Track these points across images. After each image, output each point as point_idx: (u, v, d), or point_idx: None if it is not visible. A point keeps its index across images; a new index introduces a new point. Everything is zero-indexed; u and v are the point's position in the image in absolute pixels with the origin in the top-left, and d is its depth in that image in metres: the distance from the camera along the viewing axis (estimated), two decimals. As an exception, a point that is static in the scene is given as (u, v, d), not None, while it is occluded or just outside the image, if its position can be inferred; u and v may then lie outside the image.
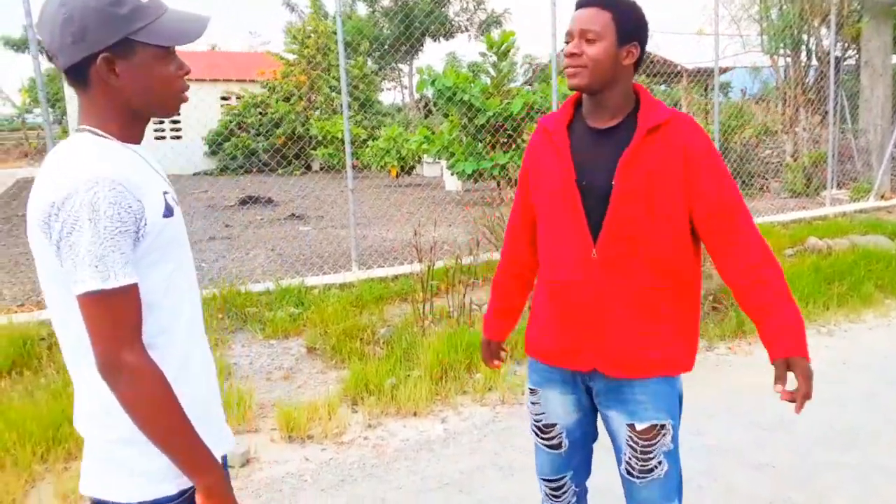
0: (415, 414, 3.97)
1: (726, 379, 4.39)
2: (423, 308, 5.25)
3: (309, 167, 20.09)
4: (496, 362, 2.27)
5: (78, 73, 1.33)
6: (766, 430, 3.66)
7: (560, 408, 2.02)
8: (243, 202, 12.42)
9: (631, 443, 1.89)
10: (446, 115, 21.37)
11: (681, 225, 1.82)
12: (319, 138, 18.32)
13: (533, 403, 2.07)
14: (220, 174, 19.85)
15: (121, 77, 1.33)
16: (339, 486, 3.24)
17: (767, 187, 12.08)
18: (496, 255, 6.17)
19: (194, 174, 20.01)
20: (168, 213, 1.37)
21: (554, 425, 2.04)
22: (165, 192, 1.39)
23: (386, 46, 24.64)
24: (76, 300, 1.26)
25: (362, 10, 28.96)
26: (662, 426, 1.87)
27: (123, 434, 1.33)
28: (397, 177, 15.75)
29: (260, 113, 20.58)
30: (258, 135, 20.21)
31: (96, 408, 1.36)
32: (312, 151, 18.76)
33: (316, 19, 21.27)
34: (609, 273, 1.82)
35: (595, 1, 1.80)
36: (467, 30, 28.70)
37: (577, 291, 1.87)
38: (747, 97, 15.35)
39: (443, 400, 4.14)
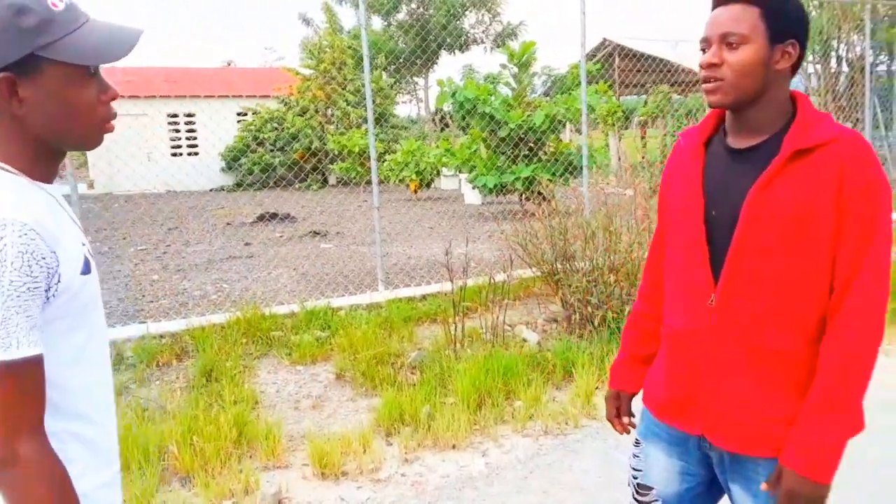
0: (453, 447, 3.73)
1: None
2: (455, 330, 5.03)
3: (326, 181, 19.99)
4: (625, 420, 1.88)
5: None
6: None
7: (661, 472, 1.72)
8: (262, 218, 12.28)
9: None
10: (463, 129, 21.21)
11: (825, 275, 1.45)
12: (336, 153, 18.20)
13: (634, 456, 1.80)
14: (236, 190, 19.79)
15: (25, 103, 1.09)
16: (379, 531, 3.02)
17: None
18: (528, 273, 5.94)
19: (211, 190, 19.95)
20: (86, 269, 1.14)
21: (650, 489, 1.75)
22: (83, 244, 1.17)
23: (401, 60, 24.56)
24: None
25: (377, 23, 28.95)
26: None
27: None
28: (416, 191, 15.54)
29: (276, 128, 20.52)
30: (275, 150, 20.14)
31: None
32: (330, 166, 18.65)
33: (332, 34, 21.24)
34: (728, 325, 1.50)
35: None
36: (483, 42, 28.61)
37: (690, 342, 1.57)
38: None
39: (482, 430, 3.90)
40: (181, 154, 21.51)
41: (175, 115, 21.43)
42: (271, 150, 20.17)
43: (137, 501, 3.14)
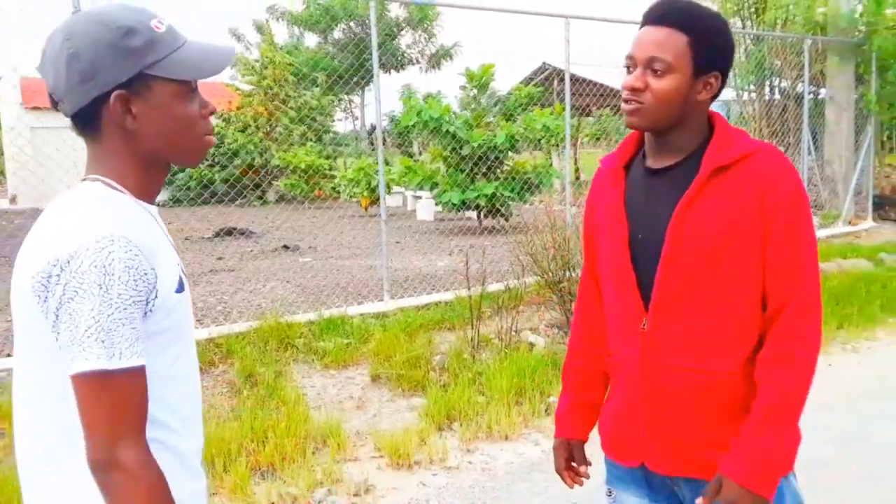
0: (506, 438, 4.04)
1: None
2: (474, 335, 5.34)
3: (264, 198, 19.87)
4: (582, 469, 1.73)
5: (88, 118, 1.17)
6: (846, 442, 3.91)
7: None
8: (220, 234, 12.20)
9: None
10: (399, 146, 21.43)
11: (756, 291, 1.42)
12: (279, 169, 18.19)
13: None
14: (172, 205, 19.37)
15: (138, 118, 1.16)
16: (472, 510, 3.29)
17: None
18: (530, 280, 6.31)
19: (147, 205, 19.47)
20: (180, 287, 1.19)
21: None
22: (178, 263, 1.23)
23: (336, 77, 24.64)
24: (70, 379, 1.05)
25: (312, 41, 29.08)
26: None
27: None
28: (367, 207, 15.76)
29: (215, 144, 20.27)
30: (212, 165, 19.86)
31: None
32: (273, 182, 18.59)
33: (271, 51, 21.20)
34: (661, 350, 1.46)
35: (670, 19, 1.41)
36: (418, 62, 29.16)
37: (627, 370, 1.53)
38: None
39: (526, 423, 4.22)
40: (113, 168, 20.89)
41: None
42: (209, 166, 19.88)
43: (238, 490, 3.30)
